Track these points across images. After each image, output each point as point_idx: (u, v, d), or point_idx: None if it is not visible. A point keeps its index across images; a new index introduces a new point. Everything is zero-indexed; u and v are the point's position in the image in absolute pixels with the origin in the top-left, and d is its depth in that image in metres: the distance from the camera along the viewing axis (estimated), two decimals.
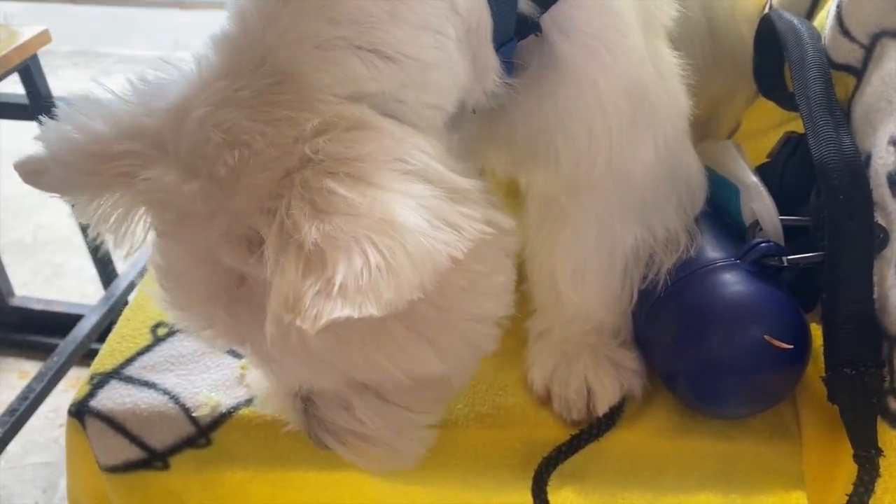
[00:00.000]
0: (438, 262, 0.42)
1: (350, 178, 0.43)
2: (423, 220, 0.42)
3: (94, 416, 0.68)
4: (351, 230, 0.41)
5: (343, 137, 0.45)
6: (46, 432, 1.39)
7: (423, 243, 0.42)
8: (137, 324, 0.76)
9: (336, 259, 0.40)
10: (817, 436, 0.61)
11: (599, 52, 0.55)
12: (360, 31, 0.48)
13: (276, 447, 0.67)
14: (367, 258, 0.41)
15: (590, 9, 0.54)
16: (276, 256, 0.42)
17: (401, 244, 0.41)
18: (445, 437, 0.65)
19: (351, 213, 0.42)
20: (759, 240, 0.61)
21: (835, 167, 0.58)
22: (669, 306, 0.62)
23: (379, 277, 0.41)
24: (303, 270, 0.41)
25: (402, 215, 0.42)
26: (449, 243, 0.43)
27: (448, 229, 0.43)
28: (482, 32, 0.52)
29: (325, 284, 0.40)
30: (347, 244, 0.41)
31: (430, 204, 0.43)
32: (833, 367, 0.56)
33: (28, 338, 1.55)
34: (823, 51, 0.66)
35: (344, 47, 0.47)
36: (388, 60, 0.48)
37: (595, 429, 0.64)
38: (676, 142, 0.62)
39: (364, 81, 0.48)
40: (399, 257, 0.41)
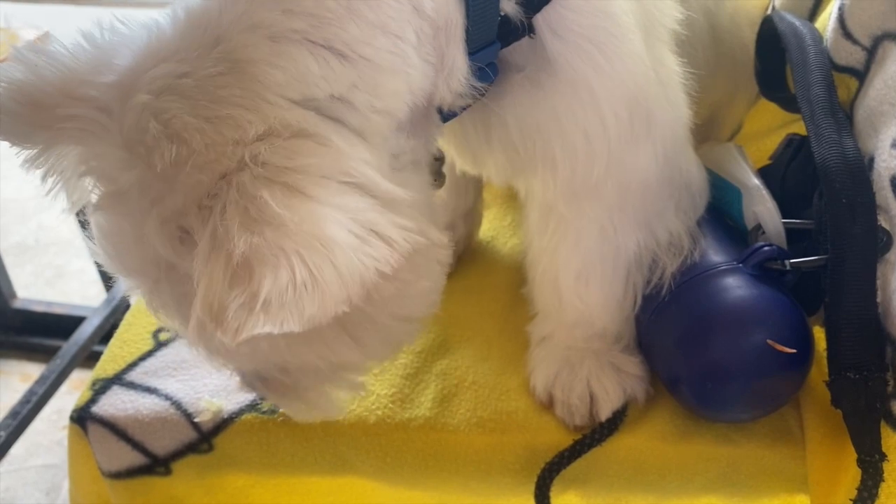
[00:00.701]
0: (366, 277, 0.43)
1: (286, 189, 0.43)
2: (353, 236, 0.43)
3: (96, 422, 0.68)
4: (280, 244, 0.41)
5: (284, 146, 0.44)
6: (49, 434, 1.39)
7: (352, 259, 0.42)
8: (139, 329, 0.76)
9: (262, 273, 0.41)
10: (821, 440, 0.61)
11: (593, 55, 0.54)
12: (315, 25, 0.47)
13: (278, 452, 0.67)
14: (294, 274, 0.41)
15: (582, 10, 0.54)
16: (205, 261, 0.42)
17: (329, 260, 0.42)
18: (448, 442, 0.65)
19: (282, 226, 0.42)
20: (761, 243, 0.61)
21: (837, 170, 0.58)
22: (672, 310, 0.62)
23: (304, 293, 0.41)
24: (229, 280, 0.41)
25: (332, 231, 0.42)
26: (378, 258, 0.44)
27: (380, 242, 0.44)
28: (452, 33, 0.51)
29: (249, 298, 0.41)
30: (276, 258, 0.41)
31: (365, 217, 0.44)
32: (836, 371, 0.56)
33: (30, 340, 1.54)
34: (825, 53, 0.65)
35: (297, 41, 0.47)
36: (341, 58, 0.48)
37: (598, 434, 0.64)
38: (676, 148, 0.61)
39: (315, 81, 0.47)
40: (326, 273, 0.42)
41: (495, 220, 0.88)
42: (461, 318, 0.75)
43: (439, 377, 0.69)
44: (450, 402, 0.67)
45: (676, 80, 0.60)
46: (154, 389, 0.70)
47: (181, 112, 0.45)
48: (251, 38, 0.46)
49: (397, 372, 0.70)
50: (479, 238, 0.86)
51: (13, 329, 1.55)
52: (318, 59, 0.47)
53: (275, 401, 0.60)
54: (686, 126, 0.62)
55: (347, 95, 0.48)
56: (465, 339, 0.73)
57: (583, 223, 0.63)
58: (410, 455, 0.66)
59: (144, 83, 0.46)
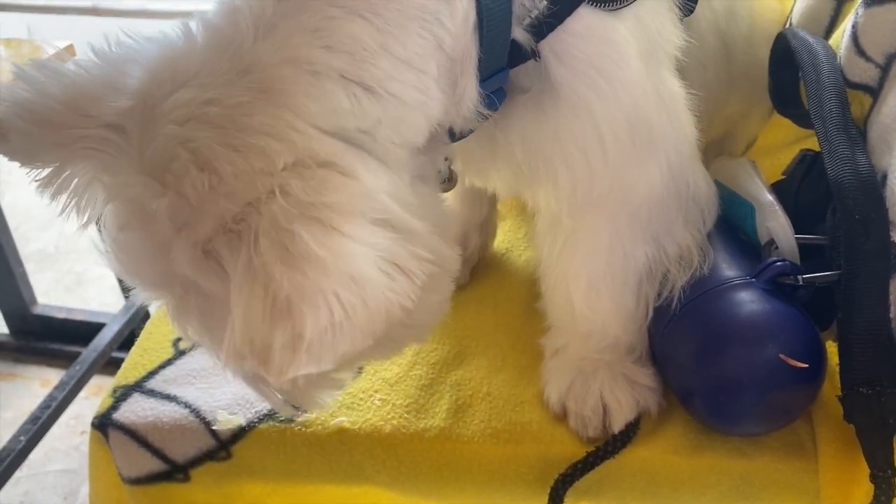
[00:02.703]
0: (392, 313, 0.45)
1: (320, 226, 0.43)
2: (381, 273, 0.44)
3: (117, 429, 0.70)
4: (320, 284, 0.42)
5: (313, 177, 0.45)
6: (67, 440, 1.41)
7: (381, 297, 0.44)
8: (159, 337, 0.78)
9: (304, 313, 0.42)
10: (834, 454, 0.61)
11: (596, 81, 0.55)
12: (351, 62, 0.48)
13: (294, 461, 0.68)
14: (332, 315, 0.42)
15: (586, 37, 0.55)
16: (241, 291, 0.43)
17: (362, 299, 0.43)
18: (461, 453, 0.66)
19: (322, 266, 0.42)
20: (774, 258, 0.62)
21: (850, 187, 0.59)
22: (685, 324, 0.62)
23: (340, 333, 0.42)
24: (271, 317, 0.42)
25: (364, 269, 0.43)
26: (401, 293, 0.45)
27: (402, 277, 0.45)
28: (466, 63, 0.53)
29: (293, 338, 0.42)
30: (316, 299, 0.42)
31: (390, 252, 0.45)
32: (849, 386, 0.56)
33: (50, 346, 1.56)
34: (839, 70, 0.66)
35: (335, 78, 0.48)
36: (371, 95, 0.49)
37: (611, 446, 0.64)
38: (681, 164, 0.62)
39: (345, 116, 0.48)
40: (359, 313, 0.43)
41: (510, 232, 0.89)
42: (476, 329, 0.76)
43: (454, 388, 0.70)
44: (464, 413, 0.68)
45: (680, 101, 0.61)
46: (174, 397, 0.71)
47: (210, 141, 0.46)
48: (291, 71, 0.47)
49: (412, 382, 0.71)
50: (493, 250, 0.86)
51: (33, 335, 1.58)
52: (349, 95, 0.48)
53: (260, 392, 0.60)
54: (692, 143, 0.63)
55: (373, 130, 0.49)
56: (480, 350, 0.74)
57: (590, 235, 0.64)
58: (425, 465, 0.66)
59: (168, 110, 0.47)
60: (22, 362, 1.57)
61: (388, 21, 0.48)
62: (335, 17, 0.48)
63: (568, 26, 0.54)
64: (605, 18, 0.55)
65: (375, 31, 0.48)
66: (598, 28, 0.55)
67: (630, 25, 0.56)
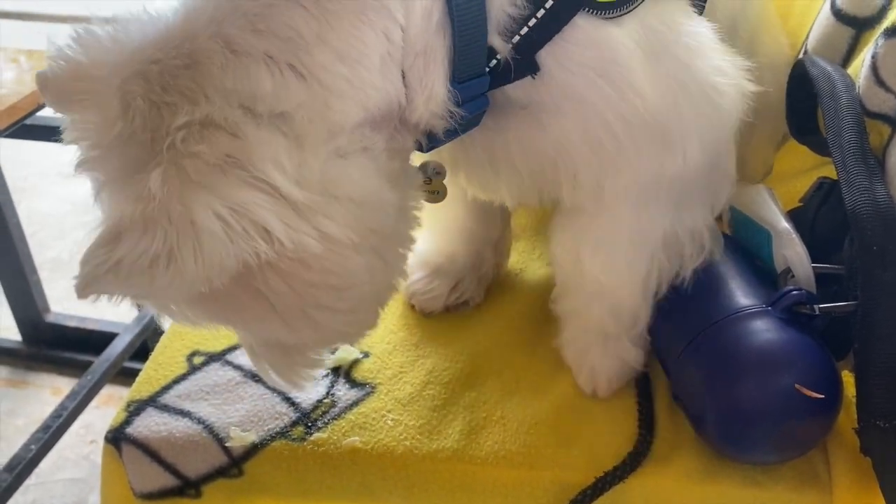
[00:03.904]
0: (227, 264, 0.47)
1: (178, 171, 0.47)
2: (222, 225, 0.47)
3: (130, 443, 0.70)
4: (148, 214, 0.46)
5: (199, 133, 0.48)
6: (77, 449, 1.42)
7: (215, 244, 0.46)
8: (173, 352, 0.78)
9: (125, 237, 0.45)
10: (849, 486, 0.60)
11: (601, 86, 0.56)
12: (282, 47, 0.51)
13: (306, 480, 0.68)
14: (152, 244, 0.45)
15: (586, 45, 0.56)
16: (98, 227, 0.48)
17: (191, 240, 0.46)
18: (475, 475, 0.66)
19: (151, 201, 0.46)
20: (790, 287, 0.62)
21: (868, 217, 0.59)
22: (701, 352, 0.62)
23: (157, 266, 0.45)
24: (100, 239, 0.46)
25: (201, 216, 0.46)
26: (245, 248, 0.47)
27: (255, 236, 0.48)
28: (431, 59, 0.54)
29: (105, 257, 0.45)
30: (142, 226, 0.45)
31: (248, 209, 0.47)
32: (866, 419, 0.56)
33: (62, 354, 1.57)
34: (857, 99, 0.66)
35: (257, 57, 0.50)
36: (299, 77, 0.51)
37: (619, 471, 0.64)
38: (705, 151, 0.62)
39: (263, 97, 0.50)
40: (185, 253, 0.46)
41: (524, 252, 0.89)
42: (489, 349, 0.76)
43: (467, 409, 0.70)
44: (477, 435, 0.68)
45: (710, 85, 0.61)
46: (187, 413, 0.72)
47: (137, 92, 0.50)
48: (214, 46, 0.50)
49: (425, 403, 0.71)
50: (507, 269, 0.87)
51: (46, 343, 1.58)
52: (273, 74, 0.50)
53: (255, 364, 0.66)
54: (723, 127, 0.63)
55: (291, 112, 0.51)
56: (494, 370, 0.74)
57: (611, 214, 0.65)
58: (437, 486, 0.66)
59: (125, 66, 0.51)
60: (34, 370, 1.57)
61: (328, 11, 0.51)
62: (274, 4, 0.51)
63: (567, 36, 0.55)
64: (604, 26, 0.56)
65: (313, 20, 0.51)
66: (598, 35, 0.56)
67: (630, 31, 0.57)
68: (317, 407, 0.71)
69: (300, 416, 0.70)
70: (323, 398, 0.72)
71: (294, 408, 0.71)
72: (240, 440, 0.68)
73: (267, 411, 0.71)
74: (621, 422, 0.68)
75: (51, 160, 2.07)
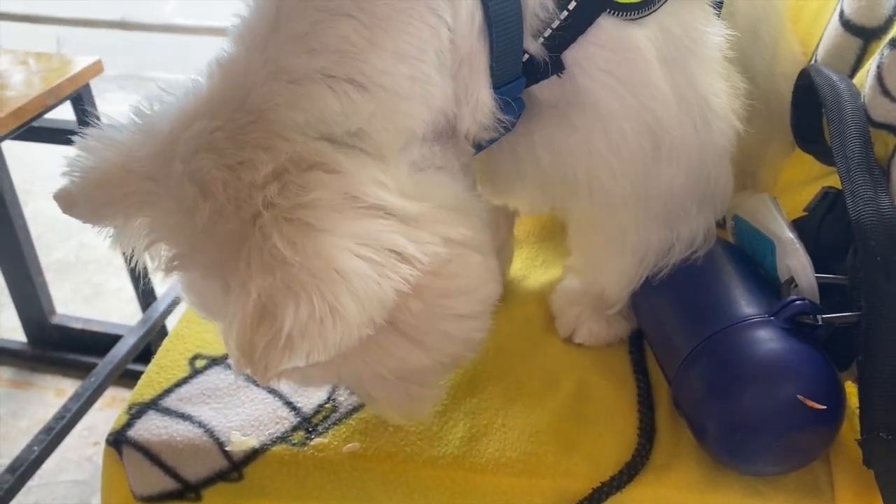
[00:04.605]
0: (384, 298, 0.46)
1: (293, 226, 0.45)
2: (366, 262, 0.45)
3: (130, 446, 0.70)
4: (293, 279, 0.44)
5: (295, 182, 0.47)
6: (80, 450, 1.42)
7: (368, 283, 0.45)
8: (176, 355, 0.78)
9: (283, 310, 0.43)
10: (852, 498, 0.60)
11: (619, 90, 0.57)
12: (337, 60, 0.50)
13: (306, 485, 0.68)
14: (313, 305, 0.43)
15: (608, 47, 0.56)
16: (234, 306, 0.45)
17: (345, 288, 0.44)
18: (475, 482, 0.66)
19: (291, 263, 0.44)
20: (793, 297, 0.61)
21: (872, 228, 0.58)
22: (703, 361, 0.62)
23: (325, 323, 0.44)
24: (252, 320, 0.44)
25: (344, 260, 0.45)
26: (394, 278, 0.46)
27: (398, 262, 0.46)
28: (475, 66, 0.54)
29: (273, 335, 0.43)
30: (295, 293, 0.43)
31: (379, 238, 0.46)
32: (869, 430, 0.56)
33: (66, 356, 1.58)
34: (862, 109, 0.66)
35: (318, 80, 0.49)
36: (362, 90, 0.50)
37: (617, 480, 0.64)
38: (701, 170, 0.64)
39: (333, 118, 0.49)
40: (344, 301, 0.44)
41: (527, 259, 0.89)
42: (491, 356, 0.76)
43: (468, 416, 0.70)
44: (478, 442, 0.67)
45: (713, 106, 0.62)
46: (188, 416, 0.72)
47: (210, 167, 0.48)
48: (274, 85, 0.49)
49: None
50: (510, 276, 0.86)
51: (50, 344, 1.59)
52: (338, 93, 0.50)
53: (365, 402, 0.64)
54: (719, 149, 0.64)
55: (366, 126, 0.50)
56: (495, 377, 0.74)
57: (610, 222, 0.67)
58: (437, 492, 0.66)
59: (180, 146, 0.49)
60: (38, 371, 1.58)
61: (377, 16, 0.50)
62: (321, 20, 0.50)
63: (590, 37, 0.55)
64: (626, 27, 0.56)
65: (363, 27, 0.50)
66: (620, 37, 0.56)
67: (651, 33, 0.57)
68: (318, 412, 0.71)
69: (301, 420, 0.70)
70: (324, 403, 0.72)
71: (295, 412, 0.71)
72: (240, 444, 0.68)
73: (268, 416, 0.71)
74: (622, 430, 0.68)
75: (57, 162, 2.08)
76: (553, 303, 0.79)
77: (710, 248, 0.69)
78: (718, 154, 0.65)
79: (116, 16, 2.23)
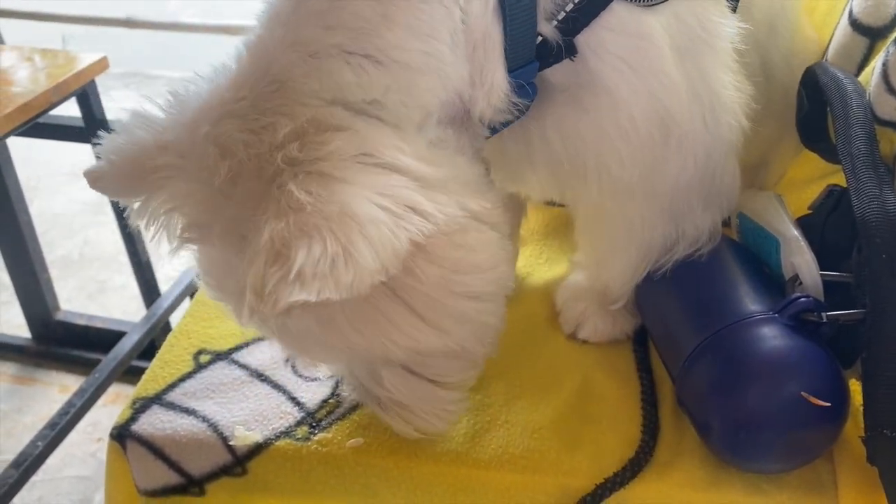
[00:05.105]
0: (398, 247, 0.46)
1: (310, 176, 0.47)
2: (382, 210, 0.46)
3: (134, 441, 0.70)
4: (306, 222, 0.45)
5: (313, 141, 0.48)
6: (84, 446, 1.42)
7: (382, 230, 0.46)
8: (180, 350, 0.78)
9: (296, 248, 0.44)
10: (855, 495, 0.60)
11: (629, 76, 0.57)
12: (353, 36, 0.51)
13: (309, 480, 0.68)
14: (326, 246, 0.44)
15: (620, 32, 0.56)
16: (252, 254, 0.47)
17: (359, 232, 0.45)
18: (477, 478, 0.66)
19: (311, 208, 0.45)
20: (798, 294, 0.61)
21: (877, 225, 0.58)
22: (707, 358, 0.62)
23: (338, 263, 0.44)
24: (266, 261, 0.45)
25: (359, 206, 0.46)
26: (410, 229, 0.47)
27: (413, 215, 0.47)
28: (489, 48, 0.54)
29: (285, 271, 0.44)
30: (308, 234, 0.45)
31: (394, 192, 0.47)
32: (873, 427, 0.56)
33: (70, 352, 1.58)
34: (868, 106, 0.66)
35: (335, 55, 0.51)
36: (377, 65, 0.51)
37: (620, 477, 0.64)
38: (709, 164, 0.64)
39: (349, 88, 0.51)
40: (358, 244, 0.45)
41: (531, 256, 0.89)
42: None
43: (472, 412, 0.70)
44: (481, 438, 0.68)
45: (722, 99, 0.62)
46: (192, 411, 0.72)
47: (233, 129, 0.50)
48: (293, 56, 0.51)
49: None
50: (514, 273, 0.86)
51: (54, 341, 1.60)
52: (354, 67, 0.51)
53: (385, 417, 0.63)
54: (726, 144, 0.64)
55: (381, 98, 0.52)
56: (498, 373, 0.74)
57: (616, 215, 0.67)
58: (440, 488, 0.66)
59: (207, 115, 0.51)
60: (43, 367, 1.58)
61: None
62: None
63: (603, 21, 0.55)
64: (640, 14, 0.56)
65: (377, 3, 0.51)
66: (633, 23, 0.56)
67: (665, 21, 0.57)
68: (321, 407, 0.71)
69: (305, 415, 0.70)
70: (328, 398, 0.72)
71: (299, 407, 0.71)
72: (244, 439, 0.69)
73: (272, 410, 0.71)
74: (626, 427, 0.68)
75: (62, 159, 2.09)
76: (557, 298, 0.79)
77: (715, 246, 0.69)
78: (726, 149, 0.65)
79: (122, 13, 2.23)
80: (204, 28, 2.28)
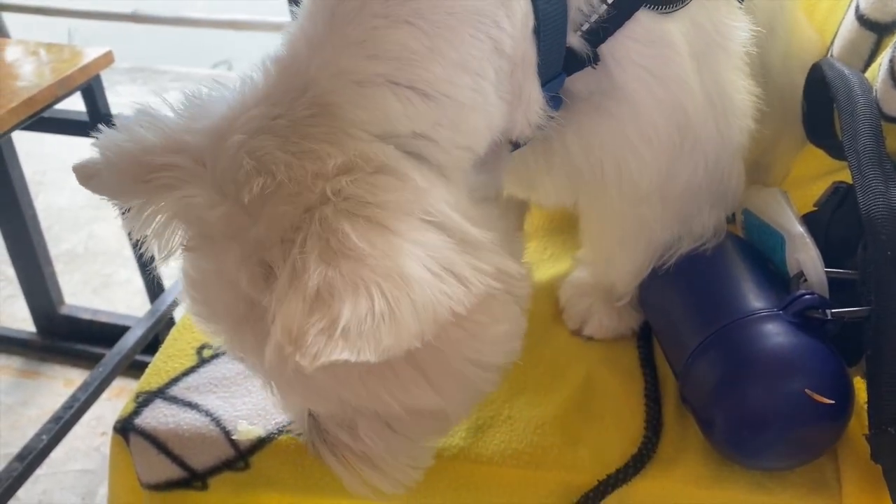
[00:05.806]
0: (440, 313, 0.44)
1: (369, 223, 0.44)
2: (429, 273, 0.44)
3: (138, 434, 0.70)
4: (360, 274, 0.42)
5: (366, 180, 0.46)
6: (88, 440, 1.43)
7: (428, 295, 0.43)
8: (183, 344, 0.78)
9: (343, 300, 0.42)
10: (859, 494, 0.60)
11: (651, 84, 0.57)
12: (399, 67, 0.49)
13: (312, 475, 0.68)
14: (373, 303, 0.42)
15: (643, 41, 0.56)
16: (285, 290, 0.44)
17: (406, 294, 0.43)
18: (480, 474, 0.66)
19: (360, 259, 0.43)
20: (802, 291, 0.61)
21: (883, 222, 0.58)
22: (710, 355, 0.62)
23: (381, 323, 0.42)
24: (309, 308, 0.42)
25: (411, 266, 0.43)
26: (452, 296, 0.44)
27: (454, 282, 0.45)
28: (527, 67, 0.54)
29: (328, 324, 0.42)
30: (356, 287, 0.42)
31: (441, 255, 0.45)
32: (877, 425, 0.55)
33: (75, 346, 1.58)
34: (874, 103, 0.65)
35: (381, 84, 0.49)
36: (424, 98, 0.50)
37: (622, 473, 0.63)
38: (719, 165, 0.64)
39: (398, 119, 0.49)
40: (403, 306, 0.43)
41: (535, 252, 0.88)
42: None
43: (474, 407, 0.70)
44: (484, 433, 0.67)
45: (734, 103, 0.62)
46: (195, 405, 0.72)
47: (273, 148, 0.47)
48: (337, 83, 0.49)
49: None
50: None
51: (59, 335, 1.60)
52: (401, 99, 0.49)
53: (340, 469, 0.59)
54: (735, 147, 0.65)
55: (430, 133, 0.50)
56: None
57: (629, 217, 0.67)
58: (442, 484, 0.66)
59: (239, 125, 0.49)
60: (47, 361, 1.59)
61: (437, 24, 0.49)
62: (379, 26, 0.49)
63: (627, 30, 0.55)
64: (661, 21, 0.56)
65: (423, 35, 0.49)
66: (656, 31, 0.56)
67: (683, 27, 0.57)
68: None
69: None
70: None
71: None
72: (247, 433, 0.69)
73: (275, 405, 0.71)
74: (629, 423, 0.67)
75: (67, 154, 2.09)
76: (562, 295, 0.79)
77: (720, 242, 0.69)
78: (734, 151, 0.65)
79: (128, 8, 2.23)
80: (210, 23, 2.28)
